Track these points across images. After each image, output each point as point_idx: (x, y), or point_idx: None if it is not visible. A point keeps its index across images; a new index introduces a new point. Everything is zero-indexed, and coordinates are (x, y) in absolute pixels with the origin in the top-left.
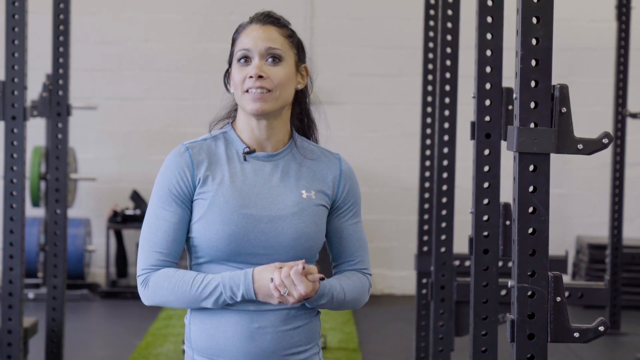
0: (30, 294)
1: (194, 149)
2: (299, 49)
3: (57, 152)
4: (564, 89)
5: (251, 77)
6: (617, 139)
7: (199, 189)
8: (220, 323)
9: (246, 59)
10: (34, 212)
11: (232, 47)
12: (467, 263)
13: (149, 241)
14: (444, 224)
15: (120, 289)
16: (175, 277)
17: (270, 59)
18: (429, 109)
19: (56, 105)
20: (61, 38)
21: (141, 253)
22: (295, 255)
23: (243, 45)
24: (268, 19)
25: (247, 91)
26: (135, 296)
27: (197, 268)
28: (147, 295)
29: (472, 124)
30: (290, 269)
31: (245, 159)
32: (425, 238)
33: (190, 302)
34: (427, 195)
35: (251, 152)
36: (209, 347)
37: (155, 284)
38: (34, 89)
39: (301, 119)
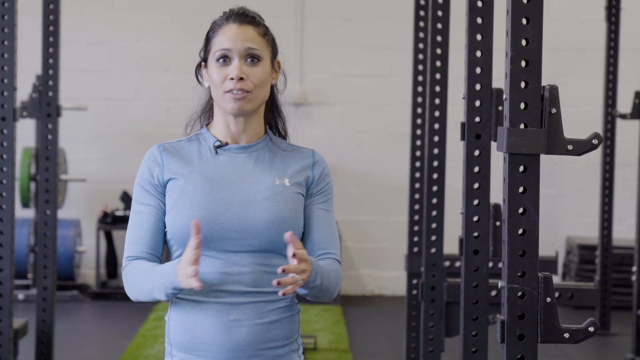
0: (20, 295)
1: (166, 147)
2: (273, 45)
3: (47, 153)
4: (553, 89)
5: (232, 78)
6: (607, 139)
7: (169, 184)
8: (197, 316)
9: (225, 58)
10: (24, 213)
11: (207, 44)
12: (458, 264)
13: (129, 235)
14: (434, 225)
15: (111, 290)
16: (138, 268)
17: (249, 60)
18: (419, 110)
19: (46, 106)
20: (51, 39)
21: (125, 247)
22: (270, 241)
23: (222, 44)
24: (245, 18)
25: (228, 92)
26: (126, 297)
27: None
28: (125, 287)
29: (462, 124)
30: None
31: (216, 152)
32: (416, 239)
33: (147, 293)
34: (417, 196)
35: (223, 145)
36: (187, 340)
37: (127, 275)
38: (24, 90)
39: (271, 110)
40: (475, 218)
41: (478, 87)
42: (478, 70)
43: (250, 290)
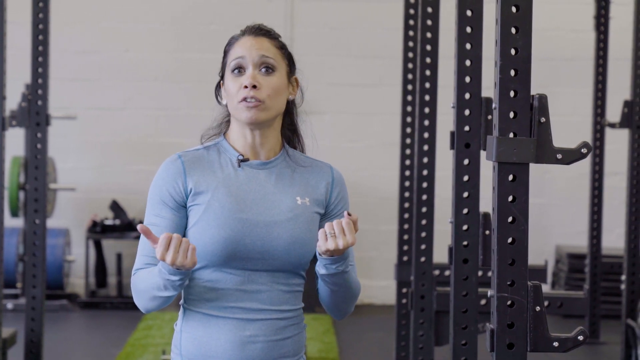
0: (9, 305)
1: (186, 157)
2: (290, 60)
3: (36, 162)
4: (543, 98)
5: (246, 86)
6: (596, 148)
7: (192, 196)
8: (213, 330)
9: (240, 69)
10: (13, 222)
11: (224, 59)
12: (447, 272)
13: (140, 247)
14: (423, 234)
15: (100, 299)
16: (144, 273)
17: (263, 69)
18: (409, 119)
19: (35, 115)
20: (40, 48)
21: (136, 260)
22: (288, 261)
23: (236, 54)
24: (260, 31)
25: (242, 100)
26: (115, 306)
27: (191, 274)
28: (134, 298)
29: (452, 133)
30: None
31: (239, 166)
32: (405, 248)
33: (152, 292)
34: (406, 204)
35: (245, 160)
36: (200, 354)
37: (134, 285)
38: (13, 99)
39: (292, 129)
40: (465, 227)
41: (467, 96)
42: (467, 79)
43: (266, 308)
